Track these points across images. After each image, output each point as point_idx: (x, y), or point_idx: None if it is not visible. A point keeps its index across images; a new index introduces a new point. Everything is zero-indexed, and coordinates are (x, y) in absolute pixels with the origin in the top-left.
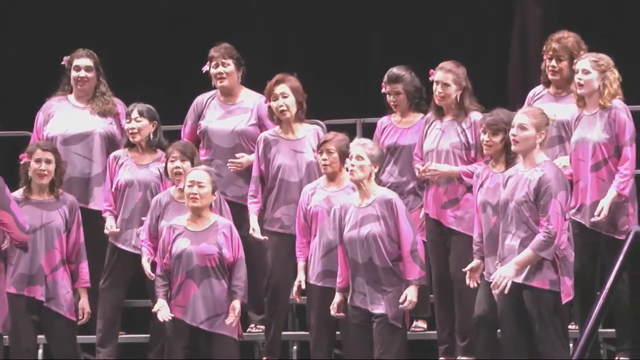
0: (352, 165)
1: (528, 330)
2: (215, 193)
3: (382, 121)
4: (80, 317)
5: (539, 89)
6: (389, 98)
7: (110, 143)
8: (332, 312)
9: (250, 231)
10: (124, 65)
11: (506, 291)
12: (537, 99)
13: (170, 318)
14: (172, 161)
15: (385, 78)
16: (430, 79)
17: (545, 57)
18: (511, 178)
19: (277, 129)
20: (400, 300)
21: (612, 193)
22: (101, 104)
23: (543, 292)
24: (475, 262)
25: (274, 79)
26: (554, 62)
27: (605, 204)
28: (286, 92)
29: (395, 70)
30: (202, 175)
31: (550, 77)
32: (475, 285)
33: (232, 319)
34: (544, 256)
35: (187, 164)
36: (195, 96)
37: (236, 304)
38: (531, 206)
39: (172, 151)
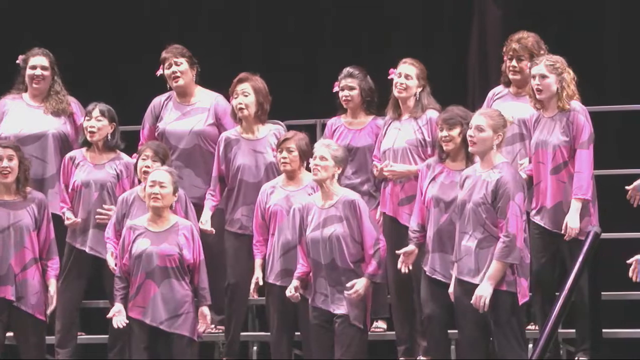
0: (316, 165)
1: (486, 330)
2: (177, 194)
3: (332, 122)
4: (49, 304)
5: (499, 89)
6: (342, 94)
7: (64, 143)
8: (288, 294)
9: (199, 223)
10: (77, 65)
11: (486, 308)
12: (497, 99)
13: (125, 324)
14: (143, 159)
15: (340, 75)
16: (390, 77)
17: (505, 57)
18: (469, 179)
19: (238, 128)
20: (349, 286)
21: (575, 204)
22: (55, 103)
23: (500, 293)
24: (410, 247)
25: (238, 77)
26: (514, 62)
27: (571, 218)
28: (247, 90)
29: (350, 68)
30: (163, 176)
31: (511, 77)
32: (407, 271)
33: (203, 326)
34: (510, 262)
35: (158, 164)
36: (149, 97)
37: (205, 310)
38: (488, 208)
39: (145, 149)
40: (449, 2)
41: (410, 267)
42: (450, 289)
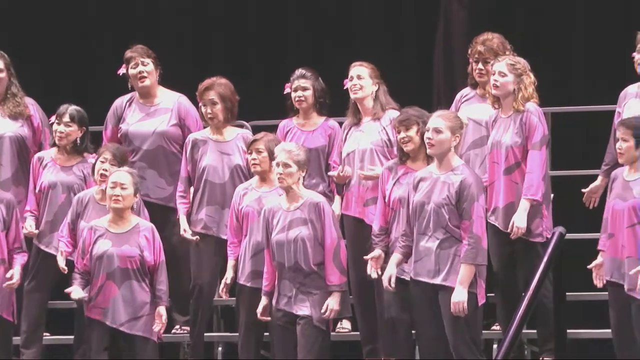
0: (281, 173)
1: (444, 330)
2: (137, 195)
3: (285, 124)
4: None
5: (466, 91)
6: (295, 94)
7: (21, 147)
8: (259, 316)
9: (182, 232)
10: (34, 65)
11: (465, 313)
12: (464, 101)
13: (83, 297)
14: (102, 162)
15: (292, 76)
16: (345, 87)
17: (471, 60)
18: (424, 181)
19: (207, 130)
20: (323, 310)
21: (523, 204)
22: (12, 106)
23: None
24: (377, 251)
25: (205, 84)
26: (480, 65)
27: (518, 217)
28: (215, 99)
29: (302, 69)
30: (124, 177)
31: (477, 79)
32: (377, 275)
33: (159, 326)
34: (479, 263)
35: (115, 168)
36: (106, 99)
37: (162, 310)
38: (452, 209)
39: (104, 152)
40: (415, 2)
41: (380, 272)
42: (386, 275)
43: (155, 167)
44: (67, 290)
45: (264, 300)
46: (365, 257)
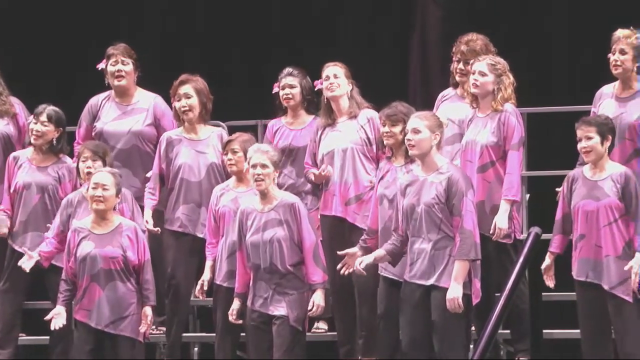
0: (258, 174)
1: (429, 331)
2: (120, 195)
3: (273, 123)
4: None
5: (447, 91)
6: (283, 92)
7: (6, 145)
8: (231, 318)
9: (144, 224)
10: (15, 65)
11: (461, 309)
12: (445, 100)
13: (62, 326)
14: (83, 161)
15: (280, 74)
16: (317, 87)
17: (454, 59)
18: (411, 186)
19: (181, 129)
20: (309, 308)
21: (504, 205)
22: None
23: None
24: (353, 249)
25: (179, 79)
26: (461, 65)
27: (499, 219)
28: (190, 92)
29: (289, 67)
30: (106, 178)
31: (458, 79)
32: (345, 273)
33: (145, 326)
34: (473, 258)
35: (99, 163)
36: (80, 98)
37: (148, 310)
38: (442, 207)
39: (84, 151)
40: (392, 3)
41: (350, 270)
42: (363, 264)
43: (129, 166)
44: (49, 317)
45: (236, 303)
46: (339, 252)
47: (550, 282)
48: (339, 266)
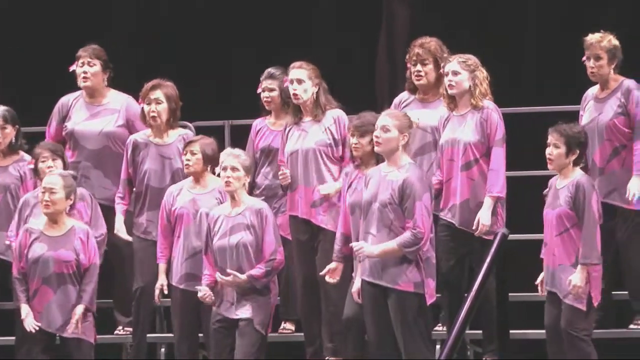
0: (228, 177)
1: (394, 332)
2: (73, 196)
3: (257, 123)
4: None
5: (404, 95)
6: (263, 95)
7: None
8: (200, 295)
9: (115, 231)
10: None
11: (360, 260)
12: (404, 106)
13: (37, 328)
14: (43, 161)
15: (262, 76)
16: (285, 85)
17: (409, 64)
18: (372, 179)
19: (148, 132)
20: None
21: (487, 201)
22: None
23: (408, 294)
24: (332, 265)
25: (151, 83)
26: (419, 67)
27: (482, 215)
28: (160, 98)
29: (272, 68)
30: (54, 181)
31: (416, 82)
32: (334, 282)
33: (72, 326)
34: (406, 253)
35: (59, 162)
36: (49, 98)
37: (78, 309)
38: (395, 208)
39: (42, 152)
40: (359, 3)
41: (336, 280)
42: (354, 289)
43: (100, 167)
44: (22, 317)
45: (205, 288)
46: (321, 273)
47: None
48: (322, 272)
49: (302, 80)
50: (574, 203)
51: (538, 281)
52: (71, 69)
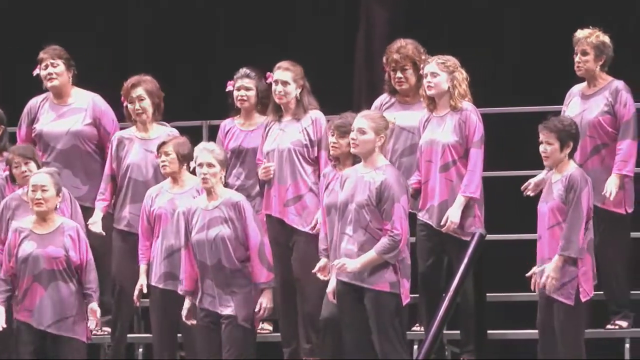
0: (205, 173)
1: (370, 332)
2: (61, 194)
3: (226, 124)
4: None
5: (385, 97)
6: (238, 94)
7: None
8: (184, 318)
9: (90, 223)
10: None
11: (344, 272)
12: (385, 108)
13: (4, 327)
14: (16, 167)
15: (236, 74)
16: (268, 81)
17: (387, 69)
18: (349, 179)
19: (134, 128)
20: (256, 309)
21: (459, 199)
22: None
23: (384, 294)
24: (323, 261)
25: (130, 81)
26: (399, 74)
27: (452, 212)
28: (142, 95)
29: (246, 68)
30: (44, 179)
31: (398, 88)
32: (327, 278)
33: (94, 322)
34: (387, 259)
35: (32, 164)
36: (23, 100)
37: (94, 306)
38: (372, 210)
39: (13, 157)
40: (338, 4)
41: (328, 278)
42: (329, 289)
43: (70, 166)
44: None
45: (187, 302)
46: (313, 270)
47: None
48: (314, 270)
49: (287, 82)
50: (566, 197)
51: (529, 274)
52: (35, 72)
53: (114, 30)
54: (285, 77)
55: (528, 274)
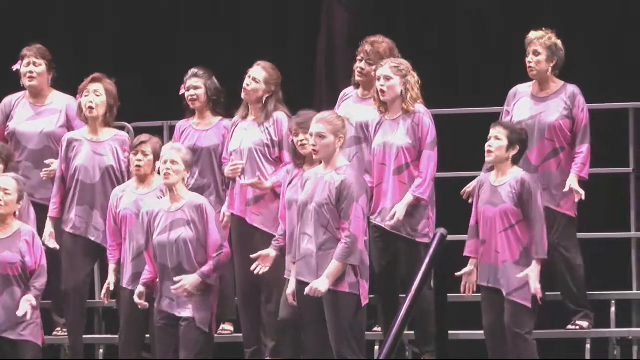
0: (168, 169)
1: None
2: (22, 201)
3: (181, 124)
4: None
5: (349, 90)
6: (188, 94)
7: None
8: (136, 300)
9: (43, 239)
10: None
11: (317, 295)
12: (345, 100)
13: None
14: None
15: (186, 76)
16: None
17: (357, 57)
18: (309, 181)
19: (84, 130)
20: (176, 279)
21: (408, 197)
22: None
23: (344, 294)
24: (266, 251)
25: (92, 76)
26: (363, 64)
27: (399, 207)
28: (99, 91)
29: (195, 68)
30: (8, 182)
31: (357, 78)
32: (260, 272)
33: (24, 310)
34: (351, 262)
35: (1, 167)
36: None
37: (29, 297)
38: (332, 209)
39: None
40: (299, 3)
41: (264, 270)
42: (289, 290)
43: (41, 167)
44: None
45: (140, 287)
46: (252, 255)
47: (468, 290)
48: (252, 267)
49: (257, 80)
50: (519, 200)
51: (460, 273)
52: (15, 68)
53: (78, 29)
54: (258, 74)
55: (459, 274)
